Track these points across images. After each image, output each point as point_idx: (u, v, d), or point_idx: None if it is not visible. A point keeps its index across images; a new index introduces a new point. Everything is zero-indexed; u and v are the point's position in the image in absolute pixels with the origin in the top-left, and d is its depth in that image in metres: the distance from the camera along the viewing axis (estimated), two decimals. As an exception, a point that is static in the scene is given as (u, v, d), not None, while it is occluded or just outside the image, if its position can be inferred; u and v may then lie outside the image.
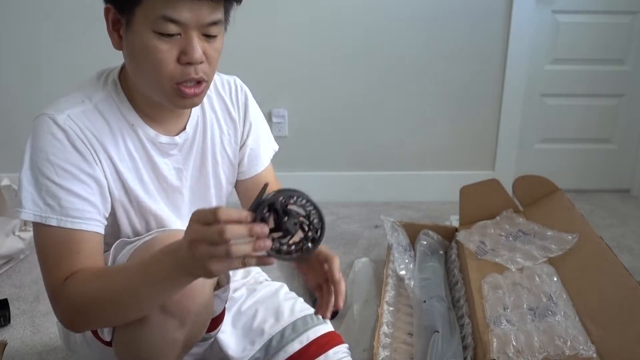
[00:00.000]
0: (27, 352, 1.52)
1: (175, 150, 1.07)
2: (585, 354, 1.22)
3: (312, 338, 1.18)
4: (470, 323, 1.45)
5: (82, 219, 0.94)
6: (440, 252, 1.90)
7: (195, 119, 1.09)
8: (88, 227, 0.94)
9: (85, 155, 0.95)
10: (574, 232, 1.66)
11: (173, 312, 0.93)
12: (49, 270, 0.94)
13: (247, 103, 1.17)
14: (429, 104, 2.56)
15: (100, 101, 0.99)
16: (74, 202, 0.93)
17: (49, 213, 0.92)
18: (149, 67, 0.92)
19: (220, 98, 1.14)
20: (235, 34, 2.58)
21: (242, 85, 1.18)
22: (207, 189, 1.14)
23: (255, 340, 1.18)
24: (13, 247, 1.92)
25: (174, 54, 0.91)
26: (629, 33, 2.55)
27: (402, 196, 2.64)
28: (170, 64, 0.91)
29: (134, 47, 0.93)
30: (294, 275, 1.93)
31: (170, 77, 0.92)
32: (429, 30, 2.46)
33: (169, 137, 1.05)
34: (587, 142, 2.73)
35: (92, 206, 0.96)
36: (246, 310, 1.22)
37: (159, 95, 0.96)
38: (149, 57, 0.91)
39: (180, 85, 0.93)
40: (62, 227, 0.93)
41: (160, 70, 0.92)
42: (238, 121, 1.15)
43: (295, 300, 1.26)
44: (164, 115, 1.04)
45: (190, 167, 1.10)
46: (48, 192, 0.93)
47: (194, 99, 0.96)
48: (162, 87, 0.94)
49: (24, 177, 0.93)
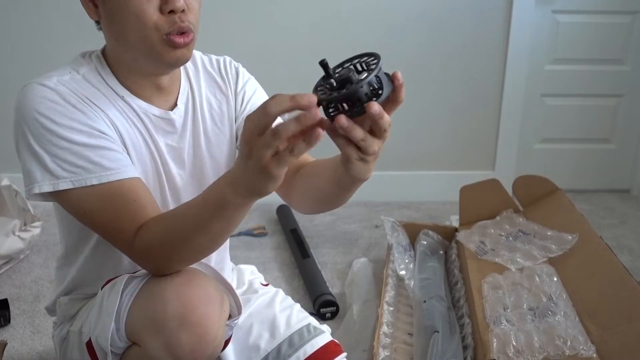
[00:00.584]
0: (27, 352, 1.52)
1: (170, 127, 1.03)
2: (585, 354, 1.22)
3: (310, 353, 1.13)
4: (470, 323, 1.45)
5: (119, 168, 0.91)
6: (440, 252, 1.90)
7: (185, 95, 1.06)
8: (128, 174, 0.92)
9: (86, 112, 0.92)
10: (574, 232, 1.66)
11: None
12: (113, 232, 0.91)
13: (239, 75, 1.14)
14: (429, 104, 2.56)
15: (87, 72, 0.97)
16: (103, 154, 0.90)
17: (84, 174, 0.89)
18: (132, 23, 0.90)
19: (208, 74, 1.11)
20: (235, 34, 2.58)
21: (233, 61, 1.15)
22: (203, 169, 1.09)
23: (252, 358, 1.14)
24: (13, 247, 1.92)
25: (155, 3, 0.89)
26: (629, 33, 2.55)
27: (402, 196, 2.64)
28: (154, 13, 0.89)
29: (113, 7, 0.91)
30: (294, 275, 1.93)
31: (156, 28, 0.90)
32: (429, 30, 2.46)
33: (162, 110, 1.02)
34: (586, 142, 2.73)
35: (120, 154, 0.93)
36: (241, 324, 1.17)
37: (147, 54, 0.93)
38: (130, 12, 0.89)
39: (170, 35, 0.91)
40: (104, 182, 0.89)
41: (145, 21, 0.89)
42: (230, 95, 1.12)
43: (291, 310, 1.20)
44: (151, 90, 1.01)
45: (185, 146, 1.06)
46: (73, 154, 0.89)
47: (184, 51, 0.93)
48: (150, 41, 0.91)
49: (35, 152, 0.89)
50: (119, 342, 0.93)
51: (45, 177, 0.89)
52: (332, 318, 1.68)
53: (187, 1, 0.92)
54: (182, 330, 0.87)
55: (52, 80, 0.93)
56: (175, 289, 0.89)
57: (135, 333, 0.92)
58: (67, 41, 2.36)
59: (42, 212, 2.10)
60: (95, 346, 0.97)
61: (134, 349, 0.94)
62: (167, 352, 0.88)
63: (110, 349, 0.93)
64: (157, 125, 1.02)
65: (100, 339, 0.94)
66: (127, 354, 0.95)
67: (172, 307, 0.87)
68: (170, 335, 0.87)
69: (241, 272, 1.32)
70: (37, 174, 0.89)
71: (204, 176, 1.10)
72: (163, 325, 0.88)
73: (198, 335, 0.88)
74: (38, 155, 0.89)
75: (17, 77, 0.97)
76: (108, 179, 0.90)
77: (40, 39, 2.37)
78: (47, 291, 1.80)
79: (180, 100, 1.05)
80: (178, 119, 1.04)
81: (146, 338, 0.90)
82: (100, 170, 0.90)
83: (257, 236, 2.24)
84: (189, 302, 0.88)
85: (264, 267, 1.95)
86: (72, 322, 1.09)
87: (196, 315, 0.88)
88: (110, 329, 0.91)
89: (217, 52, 1.18)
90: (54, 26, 2.36)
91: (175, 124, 1.04)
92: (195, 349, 0.89)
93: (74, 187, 0.89)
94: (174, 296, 0.88)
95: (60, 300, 1.13)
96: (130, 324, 0.92)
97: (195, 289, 0.89)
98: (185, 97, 1.07)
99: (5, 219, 1.96)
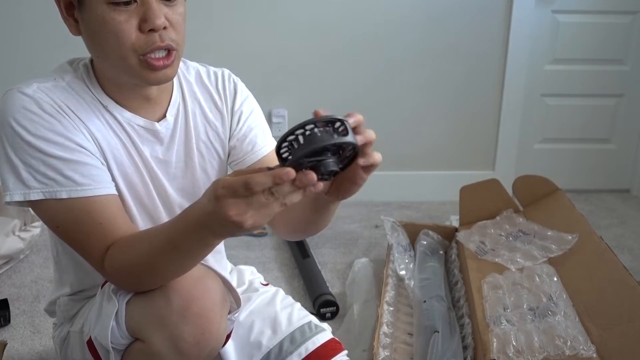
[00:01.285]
0: (27, 352, 1.52)
1: (155, 138, 1.01)
2: (585, 354, 1.22)
3: (311, 349, 1.14)
4: (470, 323, 1.45)
5: (90, 184, 0.90)
6: (440, 252, 1.90)
7: (175, 107, 1.03)
8: (101, 191, 0.90)
9: (63, 123, 0.90)
10: (574, 232, 1.66)
11: (189, 355, 0.90)
12: (82, 249, 0.91)
13: (237, 92, 1.10)
14: (429, 104, 2.56)
15: (72, 81, 0.95)
16: (76, 169, 0.89)
17: (55, 187, 0.88)
18: (111, 42, 0.87)
19: (205, 88, 1.08)
20: (235, 34, 2.58)
21: (232, 75, 1.12)
22: (195, 183, 1.07)
23: (254, 354, 1.14)
24: (13, 247, 1.92)
25: (134, 23, 0.87)
26: (629, 33, 2.55)
27: (402, 196, 2.64)
28: (132, 33, 0.87)
29: (91, 26, 0.88)
30: (294, 276, 1.93)
31: (134, 49, 0.87)
32: (429, 30, 2.46)
33: (147, 121, 0.99)
34: (586, 142, 2.73)
35: (95, 169, 0.91)
36: (243, 321, 1.17)
37: (127, 73, 0.91)
38: (108, 32, 0.86)
39: (147, 57, 0.88)
40: (75, 197, 0.88)
41: (122, 42, 0.87)
42: (226, 111, 1.08)
43: (292, 308, 1.21)
44: (139, 102, 0.98)
45: (173, 159, 1.04)
46: (46, 165, 0.88)
47: (165, 71, 0.91)
48: (128, 62, 0.88)
49: (10, 160, 0.88)
50: (120, 338, 0.93)
51: (17, 186, 0.88)
52: (332, 318, 1.68)
53: (169, 17, 0.89)
54: (185, 322, 0.88)
55: (31, 88, 0.91)
56: (176, 283, 0.88)
57: (137, 329, 0.92)
58: (54, 46, 2.36)
59: (42, 212, 2.10)
60: (96, 344, 0.96)
61: (137, 344, 0.93)
62: (171, 346, 0.89)
63: (111, 346, 0.93)
64: (142, 135, 1.00)
65: (101, 336, 0.94)
66: (130, 350, 0.95)
67: (173, 300, 0.88)
68: (173, 328, 0.88)
69: (241, 272, 1.32)
70: (9, 183, 0.89)
71: (196, 190, 1.07)
72: (166, 319, 0.88)
73: (201, 326, 0.89)
74: (13, 164, 0.88)
75: (17, 80, 0.95)
76: (78, 195, 0.89)
77: (41, 39, 2.37)
78: (47, 291, 1.80)
79: (170, 113, 1.03)
80: (164, 130, 1.02)
81: (149, 333, 0.90)
82: (71, 184, 0.89)
83: (257, 236, 2.23)
84: (190, 295, 0.88)
85: (264, 267, 1.95)
86: (73, 323, 1.09)
87: (198, 306, 0.88)
88: (109, 326, 0.91)
89: (219, 55, 1.17)
90: (41, 30, 2.36)
91: (161, 135, 1.02)
92: (199, 341, 0.89)
93: (45, 198, 0.89)
94: (174, 290, 0.88)
95: (60, 301, 1.13)
96: (132, 320, 0.92)
97: (195, 281, 0.90)
98: (176, 110, 1.04)
99: (5, 219, 1.96)
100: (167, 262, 0.84)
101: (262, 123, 1.13)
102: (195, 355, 0.91)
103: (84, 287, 1.09)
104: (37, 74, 0.96)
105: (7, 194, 0.89)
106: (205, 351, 0.91)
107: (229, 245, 1.30)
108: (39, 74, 0.96)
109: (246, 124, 1.10)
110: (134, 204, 1.01)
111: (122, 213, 0.95)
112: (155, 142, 1.02)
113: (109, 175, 0.95)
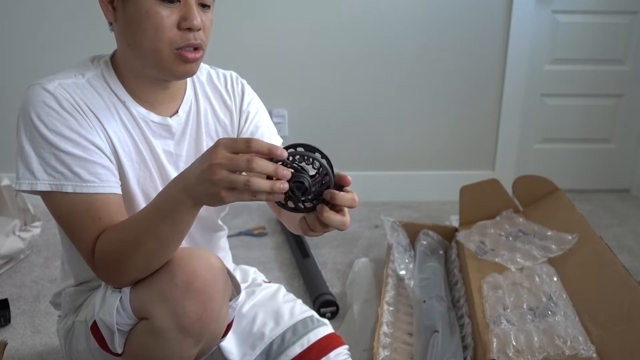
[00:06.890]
0: (27, 352, 1.52)
1: (167, 132, 1.06)
2: (585, 354, 1.22)
3: (313, 341, 1.18)
4: (470, 323, 1.45)
5: (95, 182, 0.94)
6: (440, 252, 1.90)
7: (188, 104, 1.10)
8: (104, 190, 0.95)
9: (79, 120, 0.95)
10: (574, 232, 1.66)
11: (191, 331, 0.92)
12: (77, 240, 0.94)
13: (244, 93, 1.18)
14: (429, 104, 2.57)
15: (92, 77, 1.01)
16: (84, 166, 0.93)
17: (62, 180, 0.92)
18: (149, 33, 0.94)
19: (215, 88, 1.15)
20: (236, 34, 2.58)
21: (239, 77, 1.19)
22: None
23: (256, 345, 1.18)
24: (13, 247, 1.92)
25: (174, 19, 0.94)
26: (628, 33, 2.55)
27: (402, 196, 2.64)
28: (171, 29, 0.94)
29: (132, 14, 0.94)
30: (294, 275, 1.93)
31: (170, 42, 0.94)
32: (429, 30, 2.46)
33: (161, 117, 1.05)
34: (586, 142, 2.73)
35: (103, 168, 0.96)
36: (245, 313, 1.22)
37: (158, 64, 0.97)
38: (149, 23, 0.93)
39: (182, 50, 0.95)
40: (79, 192, 0.93)
41: (161, 35, 0.94)
42: (234, 110, 1.16)
43: (294, 302, 1.26)
44: (155, 97, 1.04)
45: (184, 153, 1.09)
46: (57, 159, 0.92)
47: (193, 65, 0.98)
48: (162, 53, 0.95)
49: (24, 149, 0.93)
50: (125, 318, 0.95)
51: (26, 175, 0.93)
52: (332, 318, 1.68)
53: (203, 21, 0.97)
54: (187, 297, 0.90)
55: (53, 84, 0.96)
56: (180, 260, 0.92)
57: (141, 306, 0.94)
58: (68, 42, 2.36)
59: (42, 212, 2.09)
60: (101, 325, 0.98)
61: (142, 323, 0.95)
62: (174, 321, 0.91)
63: (116, 327, 0.95)
64: (155, 131, 1.05)
65: (105, 315, 0.96)
66: (135, 330, 0.97)
67: (177, 276, 0.90)
68: (176, 303, 0.90)
69: (244, 270, 1.36)
70: (20, 171, 0.93)
71: None
72: (169, 294, 0.90)
73: (203, 302, 0.91)
74: (26, 154, 0.93)
75: (18, 79, 0.98)
76: (82, 190, 0.93)
77: (41, 40, 2.37)
78: (47, 291, 1.80)
79: (182, 109, 1.09)
80: (176, 125, 1.07)
81: (153, 309, 0.92)
82: (78, 180, 0.93)
83: (257, 236, 2.24)
84: (194, 272, 0.91)
85: (264, 267, 1.95)
86: (78, 313, 1.11)
87: (200, 282, 0.91)
88: (115, 304, 0.94)
89: (219, 55, 1.19)
90: (54, 26, 2.36)
91: (172, 129, 1.07)
92: (201, 317, 0.91)
93: (51, 190, 0.93)
94: (179, 266, 0.91)
95: (65, 292, 1.15)
96: (136, 296, 0.94)
97: (200, 260, 0.93)
98: (188, 106, 1.10)
99: (5, 218, 1.96)
100: (150, 235, 0.87)
101: (267, 122, 1.21)
102: (197, 333, 0.93)
103: (89, 278, 1.11)
104: (59, 69, 1.01)
105: (17, 183, 0.94)
106: (206, 329, 0.93)
107: (229, 245, 1.31)
108: (60, 69, 1.01)
109: (253, 123, 1.17)
110: (142, 197, 1.05)
111: (122, 212, 0.98)
112: (167, 137, 1.07)
113: (115, 175, 0.99)
